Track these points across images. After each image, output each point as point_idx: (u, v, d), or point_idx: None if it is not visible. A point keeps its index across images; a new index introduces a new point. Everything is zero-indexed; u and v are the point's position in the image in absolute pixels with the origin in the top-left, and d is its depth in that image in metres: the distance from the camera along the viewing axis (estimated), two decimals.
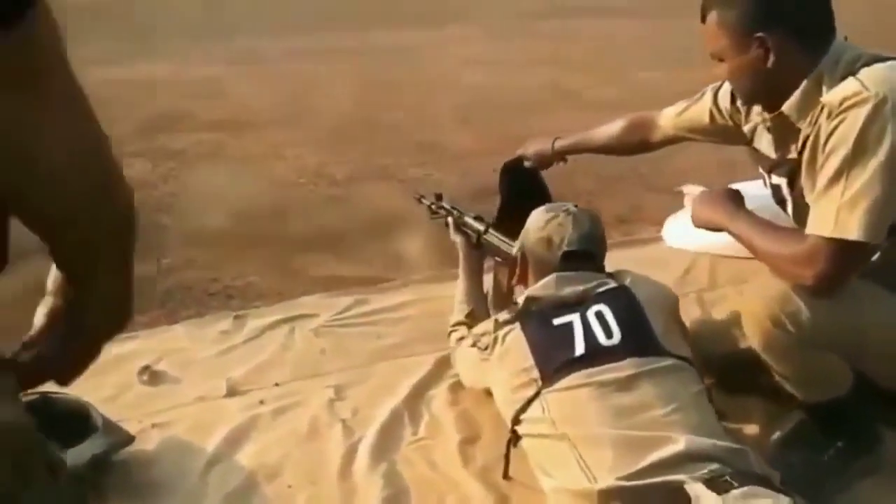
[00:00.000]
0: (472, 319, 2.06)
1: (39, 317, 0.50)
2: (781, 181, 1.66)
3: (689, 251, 2.83)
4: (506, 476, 1.71)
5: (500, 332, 1.73)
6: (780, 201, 1.72)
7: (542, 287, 1.76)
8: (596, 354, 1.60)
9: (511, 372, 1.67)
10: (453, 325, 2.12)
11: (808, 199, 1.55)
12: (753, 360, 1.79)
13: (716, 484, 1.34)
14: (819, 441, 1.67)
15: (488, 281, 2.24)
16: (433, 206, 2.41)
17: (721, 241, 2.75)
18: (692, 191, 2.96)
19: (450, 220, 2.31)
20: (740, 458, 1.44)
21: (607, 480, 1.41)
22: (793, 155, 1.60)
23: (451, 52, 7.21)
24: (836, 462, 1.64)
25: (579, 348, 1.62)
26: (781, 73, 1.53)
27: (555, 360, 1.61)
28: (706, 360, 1.81)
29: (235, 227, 3.26)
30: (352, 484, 1.74)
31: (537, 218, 1.90)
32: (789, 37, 1.50)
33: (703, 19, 1.60)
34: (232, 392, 2.08)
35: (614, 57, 6.78)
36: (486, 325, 1.80)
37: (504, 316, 1.76)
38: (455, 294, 2.20)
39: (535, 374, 1.62)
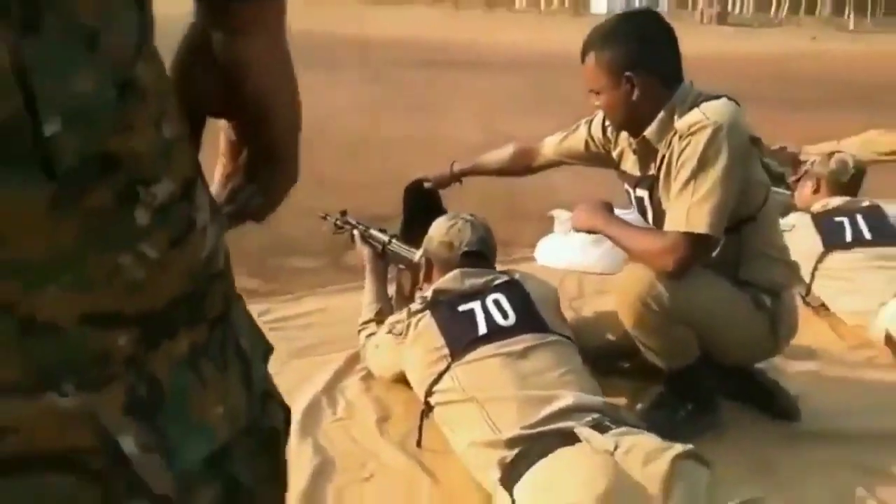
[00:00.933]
0: (380, 317, 2.32)
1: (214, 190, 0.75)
2: (644, 194, 2.05)
3: (558, 269, 3.22)
4: (419, 444, 1.98)
5: (413, 319, 2.01)
6: (643, 211, 2.10)
7: (447, 281, 2.06)
8: (496, 332, 1.91)
9: (424, 351, 1.95)
10: (363, 324, 2.37)
11: (665, 205, 1.94)
12: (619, 349, 2.18)
13: (599, 427, 1.66)
14: (674, 405, 2.04)
15: (391, 288, 2.52)
16: (338, 222, 2.66)
17: (586, 261, 3.20)
18: (560, 215, 3.40)
19: (355, 233, 2.57)
20: (615, 411, 1.79)
21: (512, 431, 1.71)
22: (652, 172, 2.00)
23: (330, 96, 7.52)
24: (687, 420, 2.02)
25: (482, 328, 1.92)
26: (644, 105, 1.92)
27: (462, 339, 1.91)
28: (582, 350, 2.15)
29: None
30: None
31: (440, 225, 2.21)
32: (650, 76, 1.91)
33: (583, 60, 1.98)
34: None
35: (479, 106, 7.31)
36: (400, 315, 2.08)
37: (416, 306, 2.05)
38: (363, 299, 2.46)
39: (446, 351, 1.91)
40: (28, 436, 0.56)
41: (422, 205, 2.57)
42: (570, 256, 3.20)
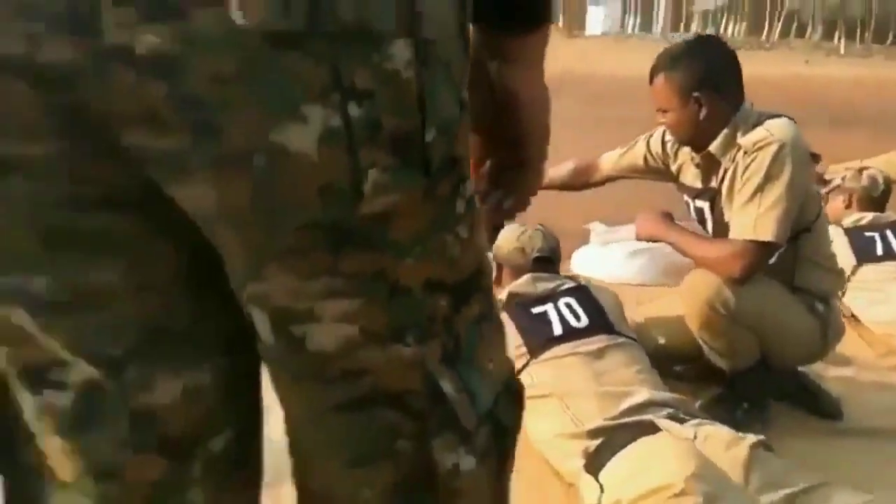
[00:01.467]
0: None
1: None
2: (704, 205, 2.20)
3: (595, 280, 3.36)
4: None
5: None
6: (702, 221, 2.25)
7: (520, 285, 2.20)
8: (570, 333, 2.05)
9: None
10: None
11: (727, 216, 2.09)
12: (672, 353, 2.32)
13: (676, 419, 1.81)
14: (731, 404, 2.18)
15: None
16: None
17: (624, 273, 3.34)
18: (596, 227, 3.55)
19: None
20: (686, 406, 1.94)
21: (594, 423, 1.84)
22: (714, 184, 2.15)
23: None
24: (743, 418, 2.15)
25: (557, 329, 2.06)
26: (709, 123, 2.08)
27: (538, 338, 2.04)
28: None
29: None
30: None
31: (509, 233, 2.35)
32: (716, 96, 2.07)
33: (652, 81, 2.13)
34: None
35: None
36: None
37: None
38: None
39: (524, 350, 2.04)
40: (377, 377, 0.70)
41: None
42: (609, 268, 3.33)
